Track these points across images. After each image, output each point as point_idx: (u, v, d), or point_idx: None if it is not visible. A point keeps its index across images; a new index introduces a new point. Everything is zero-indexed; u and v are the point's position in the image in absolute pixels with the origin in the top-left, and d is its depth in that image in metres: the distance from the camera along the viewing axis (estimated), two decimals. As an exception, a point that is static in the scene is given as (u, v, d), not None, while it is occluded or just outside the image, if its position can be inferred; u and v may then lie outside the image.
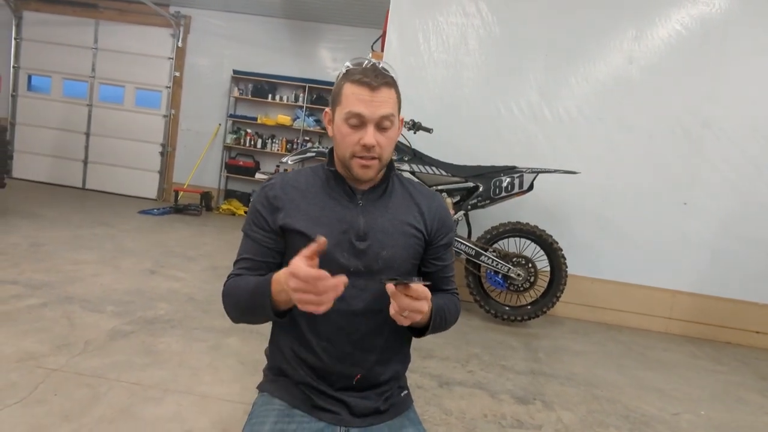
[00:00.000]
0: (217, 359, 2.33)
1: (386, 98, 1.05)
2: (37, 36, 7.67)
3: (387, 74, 1.06)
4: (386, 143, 1.07)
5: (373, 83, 1.03)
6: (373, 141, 1.04)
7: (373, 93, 1.03)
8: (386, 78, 1.06)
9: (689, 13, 3.75)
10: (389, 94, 1.06)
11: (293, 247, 1.09)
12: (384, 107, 1.04)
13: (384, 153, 1.08)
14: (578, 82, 3.85)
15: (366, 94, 1.03)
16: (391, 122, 1.06)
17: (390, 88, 1.06)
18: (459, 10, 3.88)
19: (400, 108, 1.12)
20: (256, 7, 7.01)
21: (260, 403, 1.13)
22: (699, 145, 3.79)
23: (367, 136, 1.04)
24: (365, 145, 1.04)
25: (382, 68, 1.07)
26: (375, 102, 1.04)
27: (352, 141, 1.06)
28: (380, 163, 1.08)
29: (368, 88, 1.03)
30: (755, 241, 3.78)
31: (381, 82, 1.04)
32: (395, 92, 1.08)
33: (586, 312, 3.91)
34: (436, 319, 1.09)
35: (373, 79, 1.03)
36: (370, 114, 1.04)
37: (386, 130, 1.06)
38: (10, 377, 1.92)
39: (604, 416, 2.27)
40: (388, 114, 1.05)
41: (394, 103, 1.07)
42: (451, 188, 3.48)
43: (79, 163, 7.79)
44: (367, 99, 1.03)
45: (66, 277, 3.25)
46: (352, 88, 1.04)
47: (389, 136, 1.07)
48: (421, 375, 2.42)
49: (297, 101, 7.36)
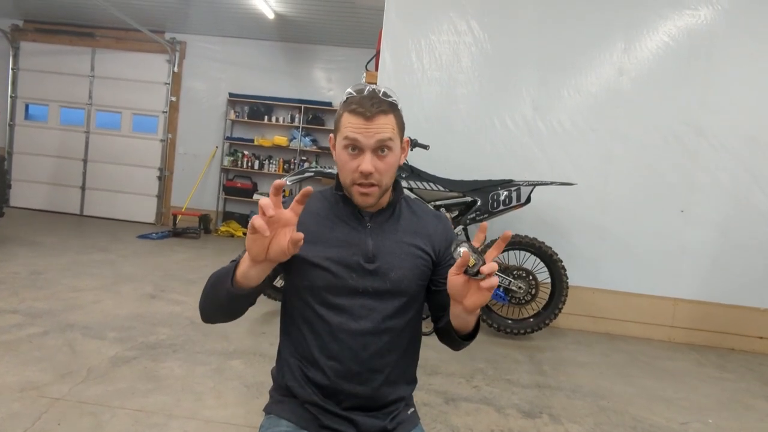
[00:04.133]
0: (221, 383, 2.32)
1: (382, 126, 1.06)
2: (34, 65, 7.77)
3: (384, 101, 1.07)
4: (385, 169, 1.08)
5: (368, 113, 1.04)
6: (369, 168, 1.05)
7: (367, 122, 1.05)
8: (382, 106, 1.06)
9: (676, 24, 3.82)
10: (385, 120, 1.06)
11: (301, 268, 1.11)
12: (379, 134, 1.05)
13: (383, 179, 1.08)
14: (570, 94, 3.91)
15: (361, 123, 1.05)
16: (389, 148, 1.07)
17: (386, 115, 1.07)
18: (451, 28, 3.95)
19: (403, 132, 1.13)
20: (250, 31, 7.12)
21: (267, 425, 1.13)
22: (694, 153, 3.83)
23: (364, 162, 1.05)
24: (362, 172, 1.06)
25: (384, 93, 1.08)
26: (370, 131, 1.05)
27: (350, 168, 1.08)
28: (380, 190, 1.09)
29: (363, 118, 1.05)
30: (754, 246, 3.79)
31: (376, 111, 1.05)
32: (394, 118, 1.08)
33: (588, 323, 3.91)
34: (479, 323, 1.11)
35: (368, 108, 1.04)
36: (365, 141, 1.05)
37: (384, 156, 1.07)
38: (13, 407, 1.91)
39: (611, 428, 2.25)
40: (385, 139, 1.06)
41: (391, 130, 1.07)
42: (449, 203, 3.50)
43: (77, 190, 7.81)
44: (363, 129, 1.05)
45: (66, 304, 3.24)
46: (349, 117, 1.06)
47: (388, 162, 1.08)
48: (427, 392, 2.41)
49: (293, 122, 7.42)
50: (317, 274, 1.09)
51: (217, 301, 1.00)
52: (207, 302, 1.04)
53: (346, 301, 1.09)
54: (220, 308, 1.03)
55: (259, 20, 6.48)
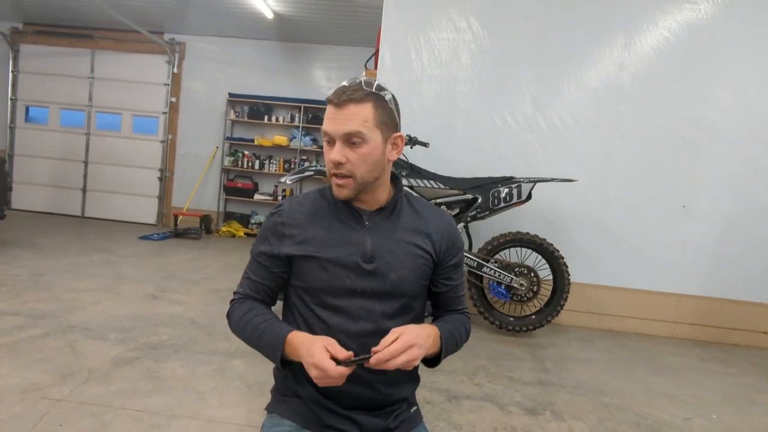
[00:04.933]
0: (223, 382, 2.31)
1: (351, 115, 1.03)
2: (34, 68, 7.77)
3: (360, 90, 1.04)
4: (357, 159, 1.05)
5: (336, 100, 1.04)
6: (338, 157, 1.04)
7: (337, 110, 1.04)
8: (354, 95, 1.03)
9: (676, 18, 3.81)
10: (356, 110, 1.03)
11: (301, 269, 1.11)
12: (348, 124, 1.03)
13: (357, 170, 1.05)
14: (571, 90, 3.90)
15: (332, 112, 1.05)
16: (361, 138, 1.04)
17: (359, 104, 1.03)
18: (450, 25, 3.93)
19: (393, 126, 1.09)
20: (249, 31, 7.11)
21: (269, 425, 1.12)
22: (695, 148, 3.81)
23: (333, 152, 1.05)
24: (332, 162, 1.05)
25: (366, 83, 1.05)
26: (339, 119, 1.03)
27: (327, 159, 1.08)
28: (355, 182, 1.06)
29: (334, 106, 1.04)
30: (757, 241, 3.78)
31: (346, 99, 1.02)
32: (372, 108, 1.04)
33: (590, 319, 3.90)
34: (448, 347, 1.11)
35: (338, 96, 1.04)
36: (335, 131, 1.04)
37: (357, 146, 1.04)
38: (15, 409, 1.90)
39: (615, 424, 2.24)
40: (353, 131, 1.03)
41: (363, 120, 1.03)
42: (450, 201, 3.49)
43: (78, 192, 7.81)
44: (333, 117, 1.05)
45: (67, 305, 3.24)
46: (327, 108, 1.07)
47: (361, 153, 1.05)
48: (429, 390, 2.40)
49: (293, 121, 7.42)
50: (314, 275, 1.09)
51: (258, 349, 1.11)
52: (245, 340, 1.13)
53: (345, 302, 1.08)
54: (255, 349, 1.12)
55: (258, 20, 6.47)
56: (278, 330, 1.06)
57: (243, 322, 1.11)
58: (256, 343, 1.09)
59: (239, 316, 1.12)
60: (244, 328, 1.10)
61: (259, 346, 1.08)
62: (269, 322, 1.08)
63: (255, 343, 1.09)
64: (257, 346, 1.09)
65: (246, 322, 1.10)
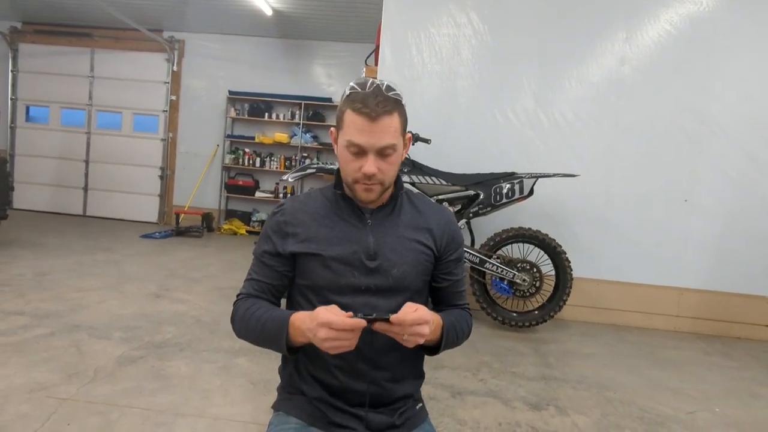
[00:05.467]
0: (228, 380, 2.32)
1: (386, 127, 1.03)
2: (33, 67, 7.76)
3: (389, 99, 1.03)
4: (388, 168, 1.07)
5: (372, 114, 1.01)
6: (373, 170, 1.04)
7: (372, 124, 1.02)
8: (386, 106, 1.02)
9: (677, 12, 3.79)
10: (390, 121, 1.03)
11: (305, 268, 1.11)
12: (384, 138, 1.03)
13: (386, 178, 1.08)
14: (572, 85, 3.89)
15: (366, 125, 1.02)
16: (392, 149, 1.05)
17: (391, 115, 1.03)
18: (450, 21, 3.92)
19: (406, 127, 1.11)
20: (248, 28, 7.10)
21: (276, 422, 1.13)
22: (697, 143, 3.81)
23: (367, 165, 1.04)
24: (365, 174, 1.04)
25: (387, 88, 1.04)
26: (375, 133, 1.02)
27: (353, 168, 1.06)
28: (382, 187, 1.09)
29: (368, 119, 1.01)
30: (759, 235, 3.78)
31: (381, 111, 1.01)
32: (398, 117, 1.05)
33: (593, 314, 3.90)
34: (449, 337, 1.11)
35: (372, 109, 1.01)
36: (370, 145, 1.03)
37: (388, 156, 1.06)
38: (22, 409, 1.92)
39: (618, 418, 2.25)
40: (390, 144, 1.04)
41: (395, 131, 1.05)
42: (451, 197, 3.49)
43: (80, 191, 7.82)
44: (367, 130, 1.02)
45: (72, 305, 3.25)
46: (352, 116, 1.03)
47: (391, 162, 1.07)
48: (434, 386, 2.41)
49: (293, 118, 7.41)
50: (319, 273, 1.09)
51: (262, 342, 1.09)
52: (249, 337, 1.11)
53: (349, 300, 1.08)
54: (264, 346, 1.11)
55: (258, 17, 6.45)
56: (279, 315, 1.05)
57: (245, 319, 1.09)
58: (259, 336, 1.07)
59: (241, 315, 1.11)
60: (248, 324, 1.09)
61: (262, 337, 1.06)
62: (271, 312, 1.07)
63: (258, 336, 1.07)
64: (261, 338, 1.07)
65: (248, 318, 1.08)
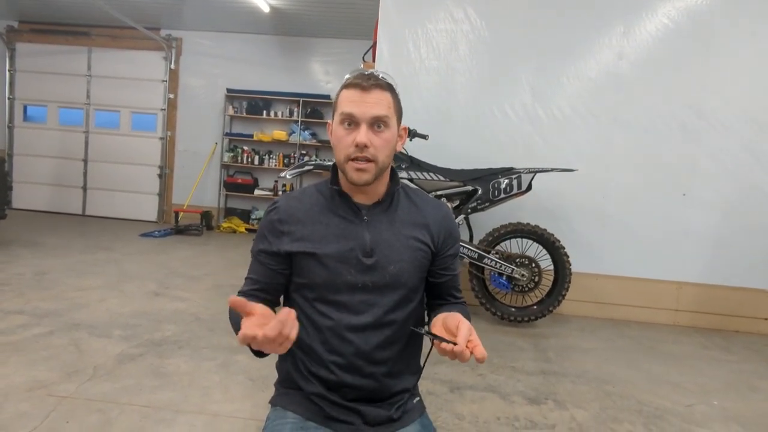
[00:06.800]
0: (227, 377, 2.33)
1: (378, 99, 1.05)
2: (30, 66, 7.74)
3: (382, 80, 1.07)
4: (381, 144, 1.06)
5: (364, 84, 1.05)
6: (365, 139, 1.04)
7: (364, 93, 1.05)
8: (378, 80, 1.06)
9: (675, 6, 3.78)
10: (382, 95, 1.06)
11: (300, 266, 1.11)
12: (376, 108, 1.05)
13: (379, 155, 1.06)
14: (570, 80, 3.88)
15: (357, 95, 1.05)
16: (385, 124, 1.06)
17: (383, 91, 1.06)
18: (447, 16, 3.91)
19: (401, 117, 1.12)
20: (246, 26, 7.08)
21: (273, 418, 1.13)
22: (695, 136, 3.80)
23: (359, 134, 1.04)
24: (358, 144, 1.04)
25: (381, 76, 1.08)
26: (367, 103, 1.04)
27: (346, 143, 1.06)
28: (376, 167, 1.07)
29: (359, 89, 1.05)
30: (758, 227, 3.78)
31: (372, 84, 1.05)
32: (391, 96, 1.08)
33: (592, 309, 3.91)
34: None
35: (364, 80, 1.05)
36: (362, 114, 1.04)
37: (381, 131, 1.06)
38: (21, 407, 1.92)
39: (617, 412, 2.26)
40: (381, 115, 1.05)
41: (388, 106, 1.07)
42: (449, 193, 3.49)
43: (79, 190, 7.81)
44: (359, 100, 1.04)
45: (71, 303, 3.25)
46: (346, 92, 1.06)
47: (384, 138, 1.06)
48: (432, 381, 2.42)
49: (292, 116, 7.40)
50: (315, 272, 1.09)
51: None
52: None
53: (346, 297, 1.08)
54: None
55: (255, 14, 6.43)
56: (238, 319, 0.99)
57: (232, 318, 1.06)
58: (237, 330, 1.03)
59: (231, 314, 1.07)
60: (234, 324, 1.05)
61: None
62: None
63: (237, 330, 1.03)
64: None
65: (234, 317, 1.05)
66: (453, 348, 0.89)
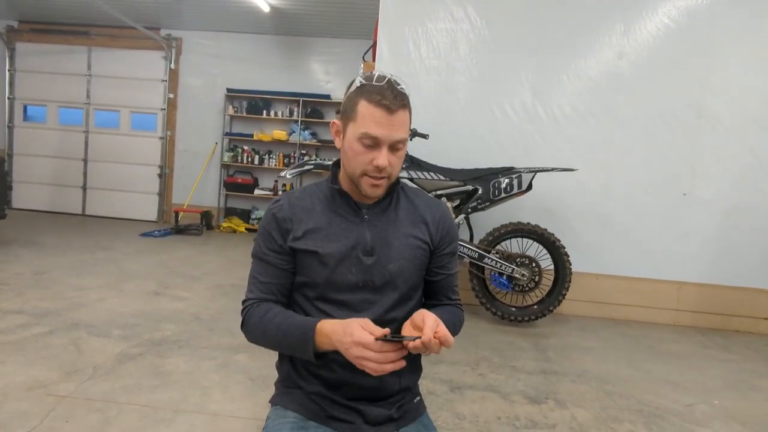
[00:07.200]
0: (227, 377, 2.32)
1: (403, 121, 1.04)
2: (30, 66, 7.74)
3: (403, 94, 1.04)
4: (396, 162, 1.07)
5: (392, 107, 1.01)
6: (386, 163, 1.03)
7: (391, 116, 1.02)
8: (403, 99, 1.03)
9: (675, 5, 3.78)
10: (405, 116, 1.04)
11: (302, 265, 1.10)
12: (400, 131, 1.03)
13: (394, 172, 1.08)
14: (570, 79, 3.88)
15: (384, 117, 1.01)
16: (403, 144, 1.06)
17: (405, 110, 1.04)
18: (447, 15, 3.91)
19: None
20: (246, 26, 7.07)
21: (274, 417, 1.13)
22: (695, 136, 3.80)
23: (380, 158, 1.03)
24: (378, 167, 1.03)
25: (395, 82, 1.05)
26: (393, 126, 1.02)
27: (363, 160, 1.05)
28: (389, 182, 1.09)
29: (387, 111, 1.01)
30: (758, 227, 3.77)
31: (399, 105, 1.02)
32: (409, 111, 1.06)
33: (592, 308, 3.90)
34: None
35: (391, 102, 1.01)
36: (386, 137, 1.03)
37: (398, 150, 1.06)
38: (21, 406, 1.92)
39: (617, 411, 2.26)
40: (404, 138, 1.05)
41: (407, 125, 1.06)
42: (450, 192, 3.49)
43: (78, 190, 7.81)
44: (385, 123, 1.02)
45: (71, 303, 3.25)
46: (370, 108, 1.02)
47: (399, 156, 1.07)
48: (433, 380, 2.41)
49: (292, 116, 7.39)
50: (316, 270, 1.09)
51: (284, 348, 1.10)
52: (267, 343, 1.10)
53: (347, 296, 1.08)
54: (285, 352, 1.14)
55: (255, 14, 6.43)
56: (304, 322, 1.03)
57: (263, 325, 1.07)
58: (281, 342, 1.05)
59: (257, 321, 1.08)
60: (265, 330, 1.06)
61: (285, 343, 1.05)
62: (292, 318, 1.05)
63: (280, 342, 1.06)
64: (283, 345, 1.06)
65: (266, 324, 1.06)
66: (420, 342, 0.90)
